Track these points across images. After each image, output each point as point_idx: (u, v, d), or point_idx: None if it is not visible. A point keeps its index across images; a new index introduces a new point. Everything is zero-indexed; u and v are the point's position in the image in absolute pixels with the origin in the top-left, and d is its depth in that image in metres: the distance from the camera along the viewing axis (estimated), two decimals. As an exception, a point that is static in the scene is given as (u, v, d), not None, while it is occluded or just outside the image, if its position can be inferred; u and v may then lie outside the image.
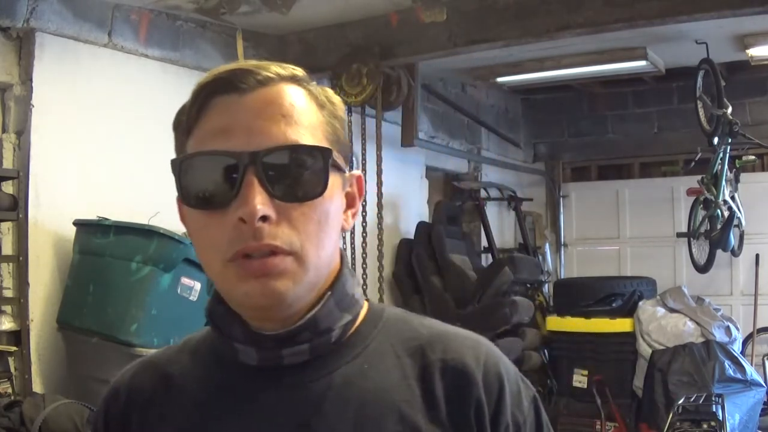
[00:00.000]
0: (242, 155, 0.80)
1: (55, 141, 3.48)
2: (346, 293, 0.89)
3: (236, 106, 0.83)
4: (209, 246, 0.84)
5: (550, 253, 7.21)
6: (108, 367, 3.15)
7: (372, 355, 0.89)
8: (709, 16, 3.80)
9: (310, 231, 0.82)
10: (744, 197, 5.74)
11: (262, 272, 0.80)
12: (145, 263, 3.13)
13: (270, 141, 0.81)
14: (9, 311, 3.37)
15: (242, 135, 0.81)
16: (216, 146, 0.82)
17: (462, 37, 4.25)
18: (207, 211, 0.82)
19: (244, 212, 0.79)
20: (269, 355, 0.86)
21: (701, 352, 4.94)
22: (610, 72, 5.73)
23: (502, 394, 0.88)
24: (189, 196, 0.84)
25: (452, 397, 0.86)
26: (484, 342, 0.93)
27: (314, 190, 0.82)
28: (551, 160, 7.42)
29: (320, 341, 0.86)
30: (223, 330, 0.89)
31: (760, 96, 6.33)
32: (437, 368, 0.88)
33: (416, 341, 0.90)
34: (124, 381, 0.96)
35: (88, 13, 3.64)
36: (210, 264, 0.85)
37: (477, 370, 0.88)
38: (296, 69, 0.88)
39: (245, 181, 0.80)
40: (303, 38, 4.68)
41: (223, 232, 0.81)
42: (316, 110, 0.86)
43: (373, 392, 0.86)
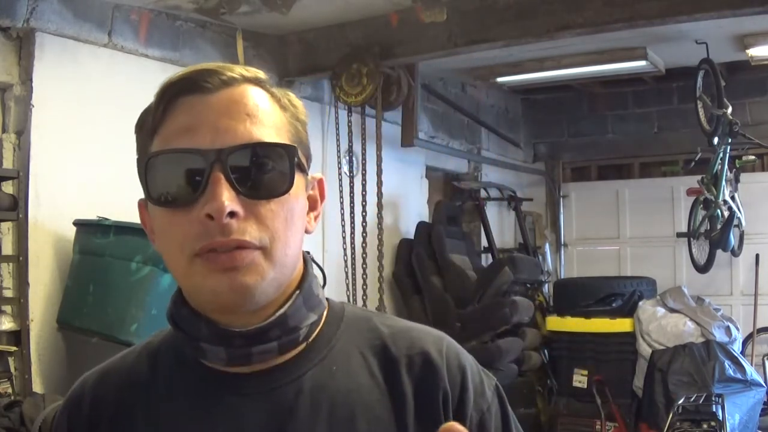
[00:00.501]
0: (208, 152, 0.80)
1: (55, 141, 3.48)
2: (312, 293, 0.90)
3: (201, 105, 0.83)
4: (174, 244, 0.83)
5: (550, 253, 7.21)
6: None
7: (338, 356, 0.89)
8: (709, 16, 3.80)
9: (277, 228, 0.83)
10: (744, 197, 5.74)
11: (231, 265, 0.80)
12: (145, 263, 3.13)
13: (236, 139, 0.81)
14: (9, 311, 3.37)
15: (208, 133, 0.81)
16: (182, 144, 0.82)
17: (462, 37, 4.25)
18: (173, 208, 0.82)
19: (212, 208, 0.79)
20: (238, 353, 0.85)
21: (701, 352, 4.94)
22: (610, 72, 5.73)
23: (465, 384, 0.89)
24: (155, 194, 0.84)
25: (420, 390, 0.88)
26: (444, 335, 0.94)
27: (281, 187, 0.83)
28: (551, 160, 7.41)
29: (288, 339, 0.86)
30: (188, 332, 0.88)
31: (760, 96, 6.33)
32: (403, 364, 0.89)
33: (379, 339, 0.91)
34: (86, 389, 0.93)
35: (88, 13, 3.64)
36: (175, 262, 0.84)
37: (441, 362, 0.89)
38: (259, 72, 0.89)
39: (212, 178, 0.80)
40: (303, 38, 4.67)
41: (189, 229, 0.81)
42: (279, 112, 0.87)
43: (343, 393, 0.86)
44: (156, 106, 0.86)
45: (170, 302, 0.91)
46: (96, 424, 0.90)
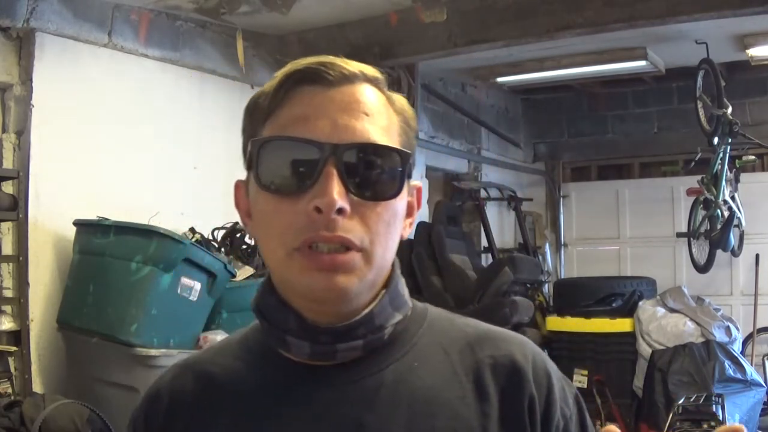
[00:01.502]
0: (325, 145, 0.80)
1: (55, 141, 3.48)
2: (398, 293, 0.90)
3: (321, 97, 0.83)
4: (276, 232, 0.83)
5: (550, 253, 7.21)
6: (108, 367, 3.16)
7: (420, 353, 0.89)
8: (709, 16, 3.80)
9: (380, 231, 0.83)
10: (744, 197, 5.74)
11: (331, 267, 0.80)
12: (145, 263, 3.13)
13: (353, 136, 0.81)
14: (9, 311, 3.37)
15: (326, 126, 0.81)
16: (298, 133, 0.82)
17: (462, 37, 4.25)
18: (280, 196, 0.82)
19: (322, 202, 0.79)
20: (323, 350, 0.85)
21: (701, 352, 4.94)
22: (610, 72, 5.74)
23: (551, 389, 0.88)
24: (264, 179, 0.83)
25: (505, 393, 0.86)
26: (528, 341, 0.94)
27: (390, 191, 0.83)
28: (551, 160, 7.42)
29: (374, 338, 0.86)
30: (274, 323, 0.87)
31: (760, 96, 6.33)
32: (488, 365, 0.88)
33: (463, 339, 0.91)
34: (164, 384, 0.94)
35: (88, 13, 3.64)
36: (273, 251, 0.84)
37: (527, 367, 0.88)
38: (377, 72, 0.89)
39: (325, 172, 0.80)
40: (303, 38, 4.68)
41: (294, 220, 0.81)
42: (393, 115, 0.87)
43: (424, 389, 0.85)
44: (275, 91, 0.85)
45: (257, 291, 0.90)
46: (174, 416, 0.90)
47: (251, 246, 3.93)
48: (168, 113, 4.06)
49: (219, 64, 4.35)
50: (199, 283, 3.24)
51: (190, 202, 4.07)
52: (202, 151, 4.22)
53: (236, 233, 3.92)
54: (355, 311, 0.85)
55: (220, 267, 3.31)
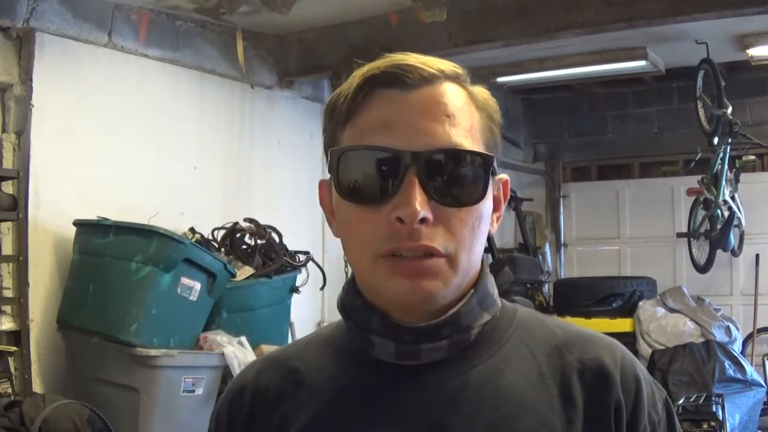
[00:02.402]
0: (405, 154, 0.79)
1: (55, 141, 3.48)
2: (487, 292, 0.89)
3: (400, 101, 0.81)
4: (359, 240, 0.82)
5: (550, 253, 7.21)
6: (108, 367, 3.16)
7: (508, 355, 0.87)
8: (710, 16, 3.80)
9: (464, 236, 0.82)
10: (744, 197, 5.74)
11: (416, 272, 0.80)
12: (145, 263, 3.13)
13: (434, 142, 0.80)
14: (9, 311, 3.37)
15: (406, 133, 0.80)
16: (378, 141, 0.80)
17: (462, 37, 4.25)
18: (361, 204, 0.81)
19: (404, 213, 0.78)
20: (407, 349, 0.84)
21: (701, 352, 4.94)
22: (610, 72, 5.73)
23: (639, 394, 0.86)
24: (344, 188, 0.82)
25: (591, 397, 0.85)
26: (618, 344, 0.92)
27: (473, 197, 0.82)
28: (551, 160, 7.42)
29: (460, 338, 0.85)
30: (360, 323, 0.87)
31: (760, 96, 6.33)
32: (575, 369, 0.86)
33: (551, 341, 0.89)
34: (249, 378, 0.93)
35: (88, 13, 3.64)
36: (358, 257, 0.84)
37: (615, 371, 0.86)
38: (457, 67, 0.87)
39: (406, 180, 0.78)
40: (303, 38, 4.67)
41: (377, 228, 0.80)
42: (476, 112, 0.85)
43: (509, 391, 0.84)
44: (353, 95, 0.83)
45: (342, 292, 0.90)
46: (255, 413, 0.90)
47: (251, 246, 3.93)
48: (168, 113, 4.06)
49: (219, 64, 4.35)
50: (199, 283, 3.24)
51: (190, 202, 4.07)
52: (202, 151, 4.22)
53: (236, 233, 3.92)
54: (441, 311, 0.84)
55: (220, 267, 3.31)
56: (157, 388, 3.06)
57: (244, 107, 4.53)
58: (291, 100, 4.87)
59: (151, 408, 3.03)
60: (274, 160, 4.64)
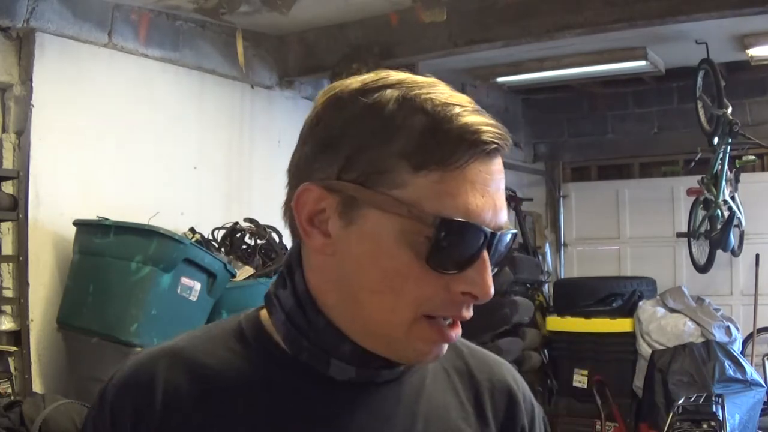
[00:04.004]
0: (488, 233, 0.78)
1: (55, 141, 3.48)
2: None
3: (487, 171, 0.80)
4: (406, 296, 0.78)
5: (550, 253, 7.21)
6: (108, 367, 3.15)
7: (430, 372, 0.91)
8: (709, 16, 3.80)
9: None
10: (744, 197, 5.74)
11: (448, 339, 0.82)
12: (145, 263, 3.13)
13: (502, 222, 0.80)
14: (9, 311, 3.37)
15: (490, 209, 0.79)
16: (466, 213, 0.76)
17: (462, 37, 4.25)
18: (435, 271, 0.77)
19: (479, 291, 0.78)
20: (368, 373, 0.85)
21: (701, 352, 4.94)
22: (610, 72, 5.73)
23: (534, 415, 0.94)
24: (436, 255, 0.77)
25: (501, 417, 0.91)
26: (513, 368, 0.99)
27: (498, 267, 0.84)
28: (551, 160, 7.41)
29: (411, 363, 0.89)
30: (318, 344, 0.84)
31: (760, 96, 6.32)
32: (486, 389, 0.92)
33: (461, 361, 0.94)
34: (158, 373, 0.84)
35: (88, 13, 3.64)
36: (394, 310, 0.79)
37: (519, 394, 0.94)
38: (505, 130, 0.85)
39: (483, 259, 0.78)
40: (303, 38, 4.67)
41: (437, 294, 0.78)
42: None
43: (435, 407, 0.89)
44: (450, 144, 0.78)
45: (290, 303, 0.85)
46: (171, 412, 0.82)
47: (251, 246, 3.93)
48: (168, 113, 4.06)
49: (219, 64, 4.35)
50: (199, 283, 3.24)
51: (190, 202, 4.07)
52: (202, 151, 4.22)
53: (236, 233, 3.92)
54: None
55: (220, 267, 3.31)
56: (157, 388, 3.05)
57: (244, 107, 4.53)
58: (291, 100, 4.87)
59: (151, 408, 3.03)
60: (274, 160, 4.64)
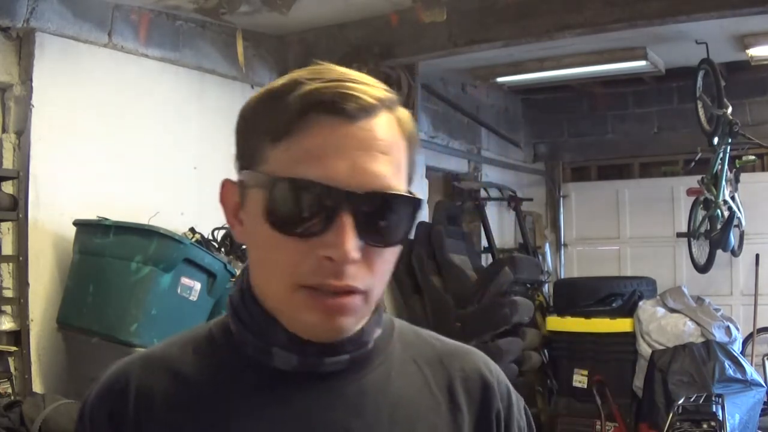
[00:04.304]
0: (342, 193, 0.77)
1: (55, 141, 3.48)
2: (381, 308, 0.92)
3: (339, 132, 0.79)
4: (278, 267, 0.81)
5: (550, 253, 7.21)
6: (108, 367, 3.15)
7: (396, 363, 0.91)
8: (709, 16, 3.81)
9: (383, 272, 0.84)
10: (744, 197, 5.74)
11: (335, 310, 0.80)
12: (145, 263, 3.13)
13: (370, 182, 0.78)
14: (9, 311, 3.37)
15: (344, 169, 0.78)
16: (314, 173, 0.77)
17: (462, 37, 4.25)
18: (287, 234, 0.79)
19: (336, 254, 0.77)
20: (311, 362, 0.85)
21: (701, 352, 4.93)
22: (610, 72, 5.73)
23: (511, 403, 0.94)
24: (274, 216, 0.79)
25: (476, 406, 0.91)
26: (486, 356, 0.98)
27: (399, 237, 0.82)
28: (551, 160, 7.41)
29: (359, 352, 0.87)
30: (258, 334, 0.86)
31: (760, 96, 6.33)
32: (459, 378, 0.92)
33: (432, 352, 0.94)
34: (131, 380, 0.88)
35: (88, 13, 3.64)
36: (273, 282, 0.82)
37: (493, 381, 0.93)
38: (389, 91, 0.85)
39: (340, 220, 0.77)
40: (303, 38, 4.68)
41: (302, 261, 0.79)
42: (403, 143, 0.84)
43: (402, 397, 0.88)
44: (292, 115, 0.79)
45: (237, 299, 0.88)
46: (143, 419, 0.85)
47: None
48: (168, 113, 4.06)
49: (219, 64, 4.35)
50: (199, 283, 3.24)
51: (190, 202, 4.07)
52: (202, 151, 4.21)
53: (236, 233, 3.91)
54: None
55: (220, 267, 3.31)
56: (157, 388, 3.06)
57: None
58: (291, 100, 4.86)
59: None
60: (274, 160, 4.64)
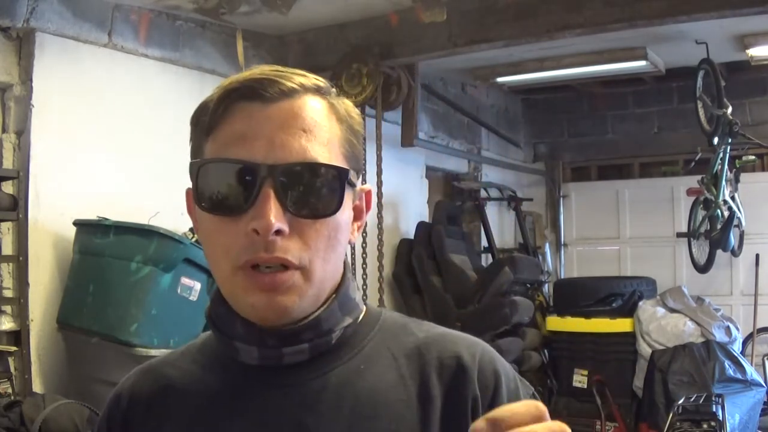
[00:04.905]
0: (261, 167, 0.81)
1: (55, 141, 3.48)
2: (348, 297, 0.91)
3: (259, 114, 0.83)
4: (219, 251, 0.85)
5: (550, 253, 7.21)
6: (108, 367, 3.16)
7: (368, 357, 0.90)
8: (709, 16, 3.80)
9: (319, 246, 0.84)
10: (744, 197, 5.74)
11: (271, 287, 0.82)
12: (145, 263, 3.13)
13: (290, 156, 0.82)
14: (9, 311, 3.37)
15: (263, 146, 0.82)
16: (236, 154, 0.82)
17: (462, 37, 4.25)
18: (220, 216, 0.83)
19: (259, 225, 0.80)
20: (270, 354, 0.87)
21: (701, 352, 4.94)
22: (610, 72, 5.73)
23: (498, 390, 0.88)
24: (204, 199, 0.84)
25: (449, 393, 0.87)
26: (480, 342, 0.94)
27: (328, 209, 0.84)
28: (551, 160, 7.41)
29: (320, 341, 0.88)
30: (223, 331, 0.90)
31: (760, 96, 6.33)
32: (434, 367, 0.89)
33: (413, 343, 0.92)
34: (126, 387, 0.97)
35: (88, 13, 3.64)
36: (218, 268, 0.86)
37: (473, 366, 0.88)
38: (319, 80, 0.88)
39: (262, 193, 0.81)
40: (303, 38, 4.68)
41: (235, 240, 0.82)
42: (336, 125, 0.87)
43: (367, 391, 0.87)
44: (215, 107, 0.85)
45: (210, 301, 0.92)
46: (130, 419, 0.93)
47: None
48: (168, 113, 4.06)
49: (219, 64, 4.35)
50: (199, 283, 3.24)
51: (190, 202, 4.07)
52: (202, 151, 4.22)
53: (236, 233, 3.92)
54: (300, 318, 0.86)
55: (220, 267, 3.31)
56: (157, 388, 3.06)
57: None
58: (291, 100, 4.86)
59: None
60: (274, 160, 4.64)
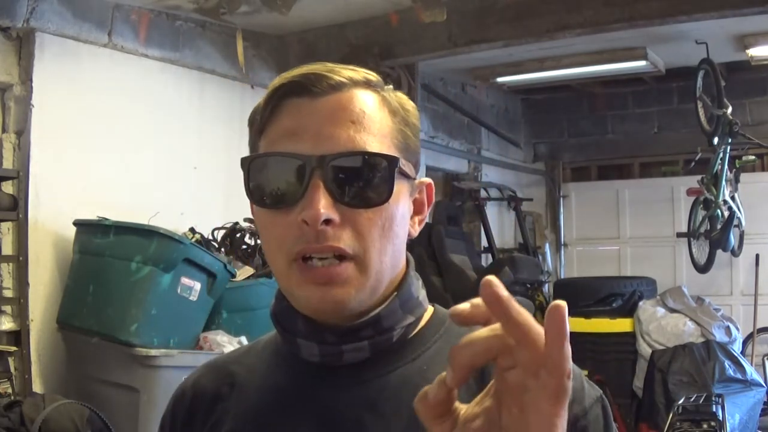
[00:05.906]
0: (310, 158, 0.81)
1: (55, 141, 3.48)
2: (411, 295, 0.91)
3: (307, 109, 0.84)
4: (274, 244, 0.85)
5: (550, 253, 7.21)
6: (108, 367, 3.16)
7: (432, 358, 0.89)
8: (709, 16, 3.81)
9: (373, 236, 0.84)
10: (744, 197, 5.74)
11: (325, 280, 0.82)
12: (145, 263, 3.13)
13: (338, 146, 0.82)
14: (9, 311, 3.37)
15: (311, 138, 0.83)
16: (285, 148, 0.84)
17: (462, 37, 4.25)
18: (272, 209, 0.84)
19: (308, 215, 0.80)
20: (330, 350, 0.86)
21: (701, 352, 4.94)
22: (610, 72, 5.74)
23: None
24: (256, 194, 0.85)
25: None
26: None
27: (379, 197, 0.84)
28: (551, 160, 7.42)
29: (381, 339, 0.87)
30: (286, 327, 0.90)
31: (760, 96, 6.33)
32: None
33: None
34: (190, 382, 0.98)
35: (88, 13, 3.64)
36: (275, 262, 0.86)
37: None
38: (370, 73, 0.89)
39: (311, 184, 0.81)
40: (303, 38, 4.68)
41: (288, 232, 0.83)
42: (388, 116, 0.88)
43: None
44: (264, 106, 0.87)
45: (274, 298, 0.93)
46: (194, 414, 0.94)
47: (251, 246, 3.93)
48: (168, 113, 4.06)
49: (219, 64, 4.35)
50: (199, 283, 3.24)
51: (190, 202, 4.07)
52: (202, 151, 4.22)
53: (236, 233, 3.92)
54: (360, 314, 0.86)
55: (220, 267, 3.31)
56: (157, 388, 3.06)
57: (244, 107, 4.53)
58: (291, 100, 4.86)
59: (151, 408, 3.03)
60: (274, 160, 4.64)
